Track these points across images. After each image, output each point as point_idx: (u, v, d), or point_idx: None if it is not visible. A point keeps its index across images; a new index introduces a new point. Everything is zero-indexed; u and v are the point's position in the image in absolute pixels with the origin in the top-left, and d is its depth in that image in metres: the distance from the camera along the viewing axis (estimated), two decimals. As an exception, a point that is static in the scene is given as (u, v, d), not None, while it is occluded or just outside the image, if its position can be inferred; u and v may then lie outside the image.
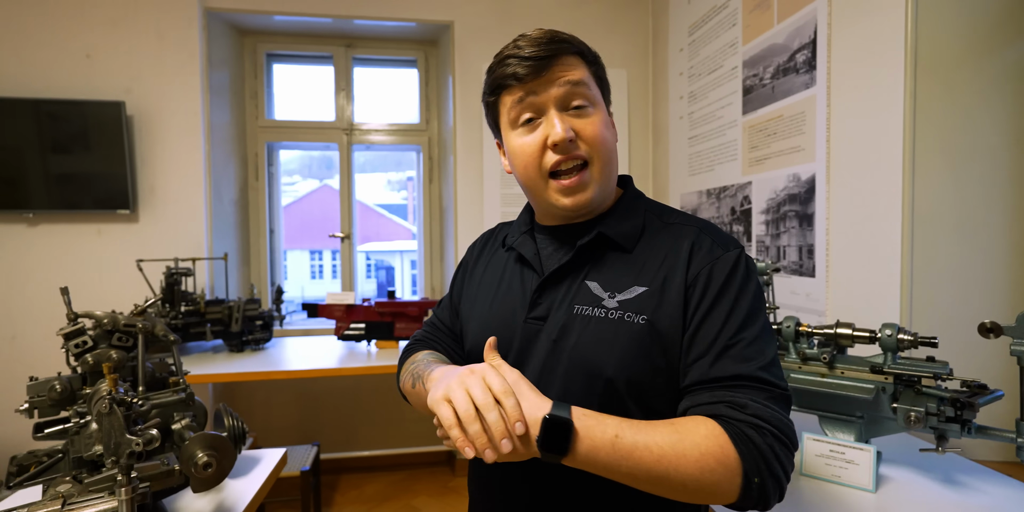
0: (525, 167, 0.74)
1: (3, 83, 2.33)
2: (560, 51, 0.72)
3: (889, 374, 1.05)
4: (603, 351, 0.69)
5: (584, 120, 0.72)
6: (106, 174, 2.37)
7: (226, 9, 2.53)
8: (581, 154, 0.72)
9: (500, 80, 0.74)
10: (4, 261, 2.36)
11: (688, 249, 0.72)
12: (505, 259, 0.85)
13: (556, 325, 0.73)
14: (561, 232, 0.80)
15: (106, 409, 0.75)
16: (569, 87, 0.71)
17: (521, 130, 0.74)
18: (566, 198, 0.73)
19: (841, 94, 1.58)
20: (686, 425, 0.60)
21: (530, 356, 0.75)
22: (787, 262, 1.80)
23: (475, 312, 0.84)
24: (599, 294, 0.72)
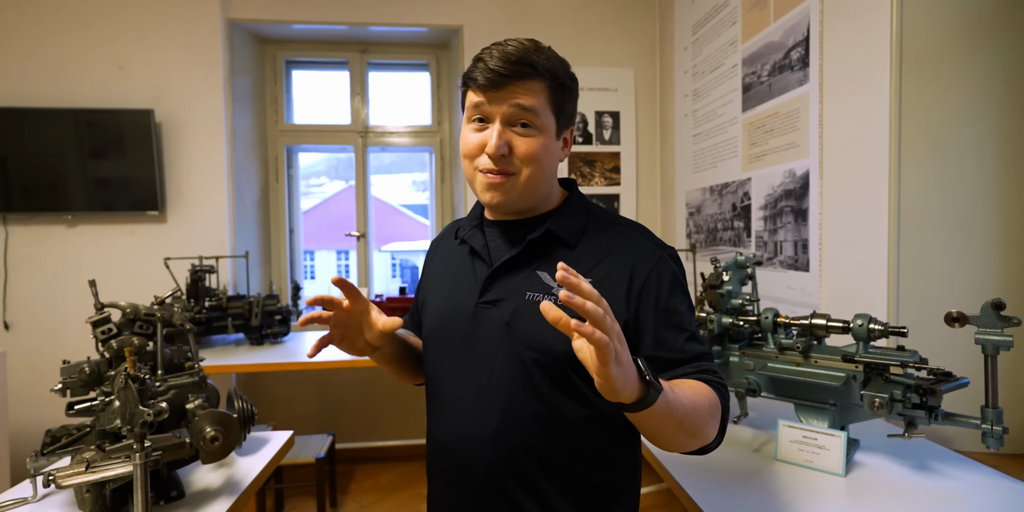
0: (464, 157, 0.83)
1: (46, 94, 2.50)
2: (522, 75, 0.76)
3: (859, 363, 1.08)
4: (553, 331, 0.72)
5: (523, 139, 0.78)
6: (138, 178, 2.53)
7: (248, 19, 2.66)
8: (510, 169, 0.78)
9: (468, 76, 0.80)
10: (46, 260, 2.55)
11: (631, 248, 0.82)
12: (458, 251, 0.91)
13: (508, 309, 0.80)
14: (509, 227, 0.87)
15: (122, 384, 0.84)
16: (517, 109, 0.77)
17: (472, 126, 0.81)
18: (486, 192, 0.80)
19: (832, 91, 1.60)
20: (692, 383, 0.74)
21: (481, 336, 0.81)
22: (783, 257, 1.83)
23: (431, 300, 0.91)
24: (549, 283, 0.80)
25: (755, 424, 1.29)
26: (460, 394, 0.82)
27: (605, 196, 2.90)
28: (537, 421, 0.77)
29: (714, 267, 1.30)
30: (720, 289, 1.26)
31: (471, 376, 0.81)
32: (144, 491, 0.81)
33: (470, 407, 0.80)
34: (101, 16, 2.52)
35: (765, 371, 1.18)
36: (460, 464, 0.80)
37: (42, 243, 2.55)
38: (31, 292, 2.55)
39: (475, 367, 0.81)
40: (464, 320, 0.83)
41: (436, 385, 0.86)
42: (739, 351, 1.25)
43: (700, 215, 2.45)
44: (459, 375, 0.83)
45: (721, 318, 1.24)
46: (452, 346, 0.84)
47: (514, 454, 0.77)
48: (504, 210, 0.83)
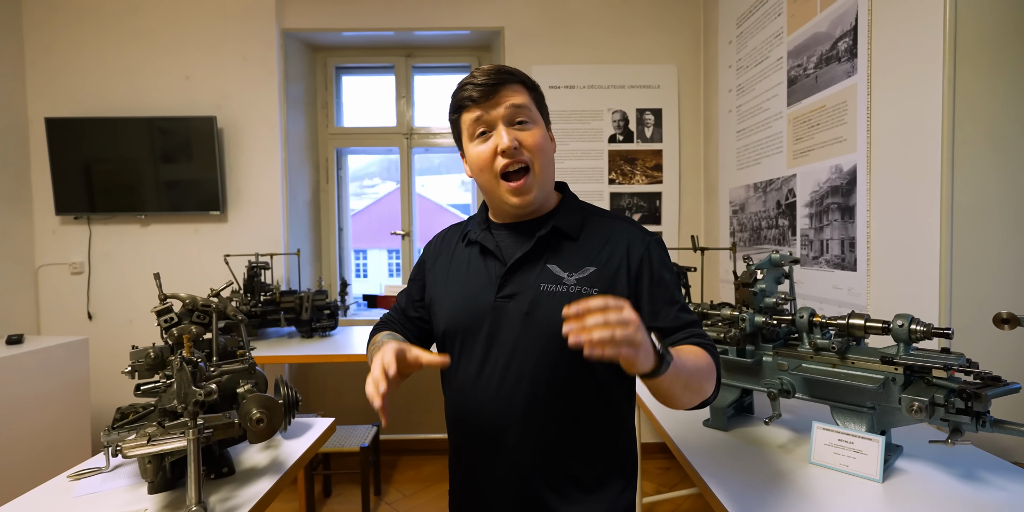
0: (481, 170, 0.91)
1: (123, 105, 2.73)
2: (505, 81, 0.89)
3: (899, 365, 1.04)
4: None
5: (526, 132, 0.90)
6: (202, 180, 2.71)
7: (301, 29, 2.81)
8: (524, 159, 0.89)
9: (459, 102, 0.91)
10: (122, 256, 2.77)
11: (621, 236, 0.95)
12: (468, 253, 1.00)
13: (525, 301, 0.90)
14: (516, 228, 0.97)
15: (178, 366, 0.93)
16: (513, 109, 0.89)
17: (477, 141, 0.91)
18: (515, 197, 0.90)
19: (881, 82, 1.53)
20: (690, 348, 0.84)
21: (502, 329, 0.90)
22: (829, 256, 1.77)
23: (446, 298, 0.98)
24: (560, 274, 0.91)
25: (789, 426, 1.27)
26: (486, 380, 0.91)
27: (646, 194, 2.88)
28: (557, 396, 0.89)
29: (747, 265, 1.28)
30: (753, 288, 1.24)
31: (495, 363, 0.90)
32: (196, 463, 0.88)
33: (496, 390, 0.90)
34: (169, 31, 2.72)
35: (799, 372, 1.15)
36: (490, 437, 0.91)
37: (119, 241, 2.78)
38: (110, 286, 2.78)
39: (498, 355, 0.90)
40: (484, 314, 0.92)
41: (460, 373, 0.94)
42: (773, 351, 1.22)
43: (744, 213, 2.39)
44: (483, 364, 0.91)
45: (754, 317, 1.22)
46: (474, 338, 0.92)
47: (540, 424, 0.90)
48: (529, 209, 0.93)
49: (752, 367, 1.24)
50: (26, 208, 2.76)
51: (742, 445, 1.18)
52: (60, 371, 2.16)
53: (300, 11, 2.78)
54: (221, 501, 0.97)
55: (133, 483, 1.04)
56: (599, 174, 2.87)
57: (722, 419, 1.27)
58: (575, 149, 2.86)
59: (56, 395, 2.13)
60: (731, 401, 1.28)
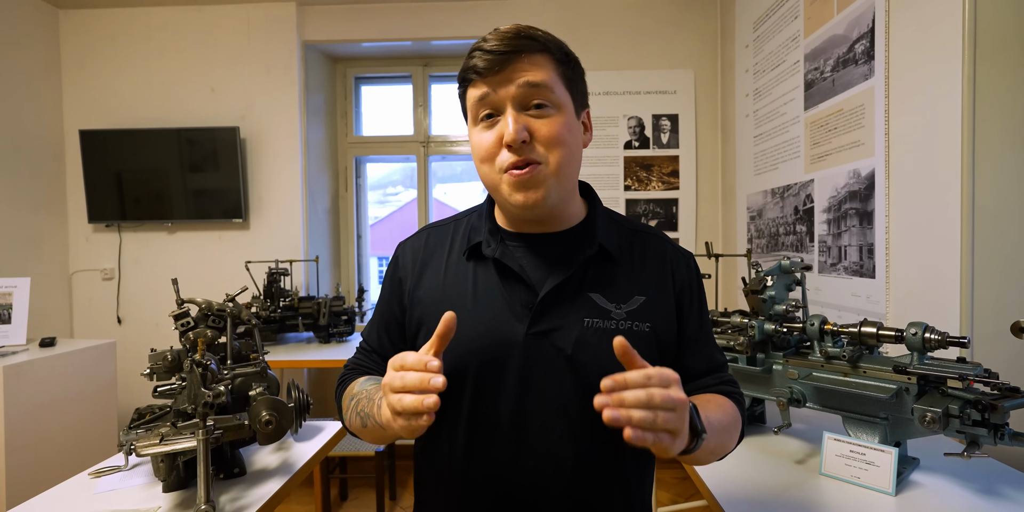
0: (481, 163, 0.73)
1: (153, 117, 2.83)
2: (524, 48, 0.69)
3: (913, 374, 1.02)
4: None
5: (542, 120, 0.70)
6: (227, 189, 2.79)
7: (321, 41, 2.88)
8: (535, 157, 0.69)
9: (464, 73, 0.72)
10: (150, 263, 2.87)
11: (663, 256, 0.81)
12: (472, 269, 0.78)
13: (568, 340, 0.72)
14: (543, 242, 0.78)
15: (188, 369, 0.96)
16: (527, 88, 0.69)
17: (480, 126, 0.72)
18: (518, 193, 0.70)
19: (899, 84, 1.50)
20: (719, 401, 0.76)
21: (538, 371, 0.72)
22: (848, 262, 1.73)
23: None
24: (606, 306, 0.74)
25: (800, 435, 1.24)
26: (519, 438, 0.72)
27: (663, 201, 2.85)
28: (610, 455, 0.74)
29: (755, 272, 1.26)
30: (762, 295, 1.22)
31: (530, 413, 0.72)
32: (206, 463, 0.91)
33: (534, 447, 0.72)
34: (196, 45, 2.82)
35: (810, 380, 1.13)
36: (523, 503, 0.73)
37: (147, 248, 2.88)
38: (138, 291, 2.88)
39: (535, 404, 0.72)
40: (512, 352, 0.72)
41: (475, 429, 0.74)
42: (783, 359, 1.20)
43: (761, 219, 2.35)
44: (515, 417, 0.72)
45: (763, 324, 1.20)
46: (496, 384, 0.73)
47: (590, 489, 0.73)
48: (538, 211, 0.73)
49: (762, 376, 1.22)
50: (61, 216, 2.88)
51: (752, 455, 1.16)
52: (89, 372, 2.23)
53: (320, 23, 2.86)
54: (231, 501, 0.99)
55: (149, 481, 1.08)
56: (615, 181, 2.86)
57: (731, 428, 1.25)
58: (590, 156, 2.86)
59: (85, 395, 2.20)
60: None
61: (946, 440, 1.21)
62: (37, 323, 2.68)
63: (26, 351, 2.06)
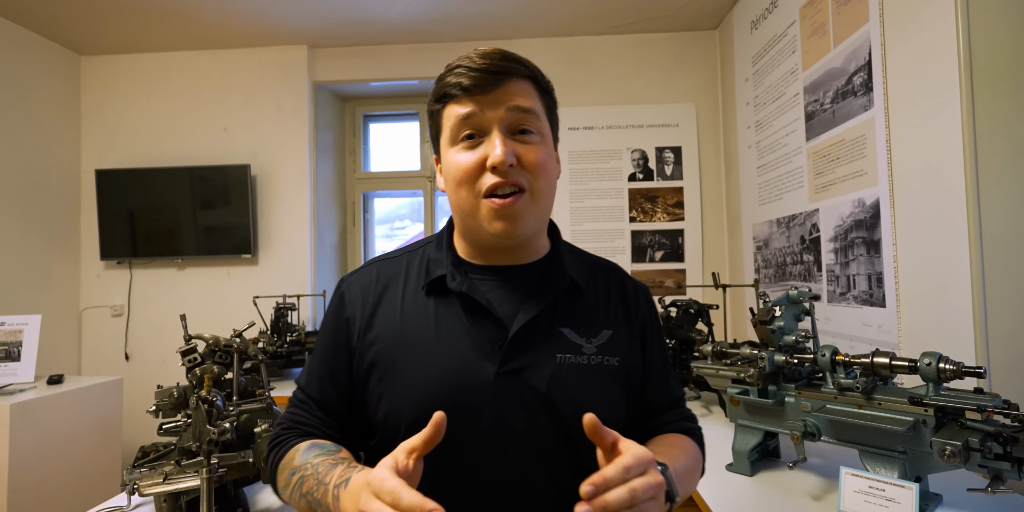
0: (459, 186, 0.69)
1: (166, 156, 2.92)
2: (513, 71, 0.69)
3: (929, 406, 0.99)
4: (596, 397, 0.71)
5: (528, 146, 0.68)
6: (237, 225, 2.84)
7: (331, 81, 2.98)
8: (519, 181, 0.67)
9: (447, 88, 0.69)
10: (159, 299, 2.89)
11: (625, 290, 0.81)
12: (431, 304, 0.72)
13: (542, 377, 0.68)
14: (510, 274, 0.75)
15: (194, 405, 0.95)
16: (516, 113, 0.68)
17: (460, 146, 0.69)
18: (498, 221, 0.67)
19: (899, 114, 1.53)
20: (682, 443, 0.76)
21: (511, 411, 0.67)
22: (857, 292, 1.71)
23: (409, 373, 0.69)
24: (577, 341, 0.72)
25: (817, 470, 1.20)
26: (495, 486, 0.66)
27: (669, 231, 2.86)
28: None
29: (763, 302, 1.25)
30: (771, 325, 1.21)
31: (506, 463, 0.67)
32: (209, 502, 0.89)
33: (513, 492, 0.67)
34: (210, 86, 2.93)
35: (824, 413, 1.10)
36: None
37: (157, 284, 2.91)
38: (146, 327, 2.89)
39: (504, 450, 0.67)
40: (480, 395, 0.67)
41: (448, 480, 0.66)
42: (796, 391, 1.18)
43: (768, 249, 2.35)
44: (481, 461, 0.66)
45: (773, 355, 1.18)
46: (466, 432, 0.66)
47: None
48: (514, 241, 0.71)
49: (774, 408, 1.20)
50: (74, 254, 2.93)
51: (767, 491, 1.12)
52: (95, 410, 2.22)
53: (330, 64, 2.96)
54: (232, 544, 0.97)
55: (150, 523, 1.06)
56: (620, 212, 2.88)
57: (746, 463, 1.22)
58: (595, 188, 2.89)
59: (90, 433, 2.18)
60: (754, 444, 1.23)
61: (968, 475, 1.17)
62: (46, 360, 2.68)
63: (34, 388, 2.06)
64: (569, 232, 2.86)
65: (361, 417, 0.74)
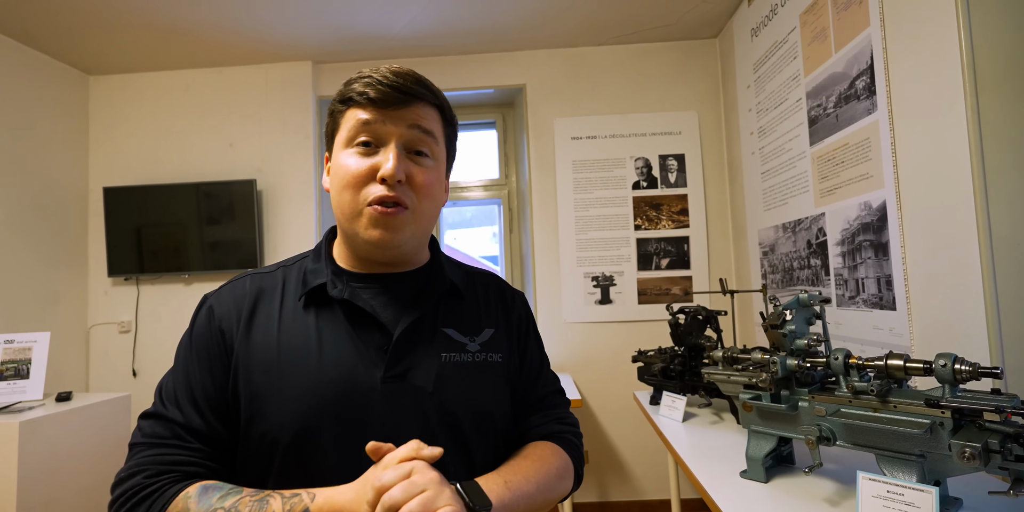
0: (343, 189, 0.69)
1: (173, 173, 2.94)
2: (421, 96, 0.70)
3: (946, 408, 0.98)
4: (482, 392, 0.74)
5: (420, 168, 0.70)
6: (243, 239, 2.85)
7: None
8: (404, 199, 0.68)
9: (351, 93, 0.69)
10: (166, 314, 2.90)
11: (502, 293, 0.86)
12: (311, 316, 0.71)
13: (428, 377, 0.69)
14: (391, 281, 0.76)
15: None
16: (419, 132, 0.70)
17: (354, 150, 0.69)
18: (375, 229, 0.67)
19: (903, 117, 1.53)
20: (539, 453, 0.76)
21: (401, 414, 0.67)
22: (866, 295, 1.70)
23: (290, 387, 0.66)
24: (460, 340, 0.75)
25: (833, 476, 1.18)
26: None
27: (673, 239, 2.86)
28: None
29: (773, 306, 1.24)
30: (782, 329, 1.20)
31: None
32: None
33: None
34: (216, 103, 2.97)
35: (838, 417, 1.09)
36: None
37: (164, 299, 2.91)
38: (154, 343, 2.89)
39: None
40: (365, 402, 0.66)
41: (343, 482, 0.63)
42: (809, 395, 1.16)
43: (774, 254, 2.34)
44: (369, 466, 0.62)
45: (785, 360, 1.17)
46: (353, 437, 0.64)
47: None
48: (389, 251, 0.71)
49: (787, 413, 1.18)
50: (82, 271, 2.94)
51: (784, 498, 1.10)
52: (103, 427, 2.22)
53: (334, 80, 3.00)
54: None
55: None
56: (624, 221, 2.88)
57: (760, 470, 1.20)
58: (599, 197, 2.89)
59: (98, 450, 2.18)
60: (768, 450, 1.21)
61: (988, 478, 1.15)
62: (55, 377, 2.69)
63: (43, 406, 2.06)
64: (574, 241, 2.86)
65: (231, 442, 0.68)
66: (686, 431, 1.56)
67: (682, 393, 1.74)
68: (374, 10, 2.50)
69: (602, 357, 2.80)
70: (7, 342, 2.11)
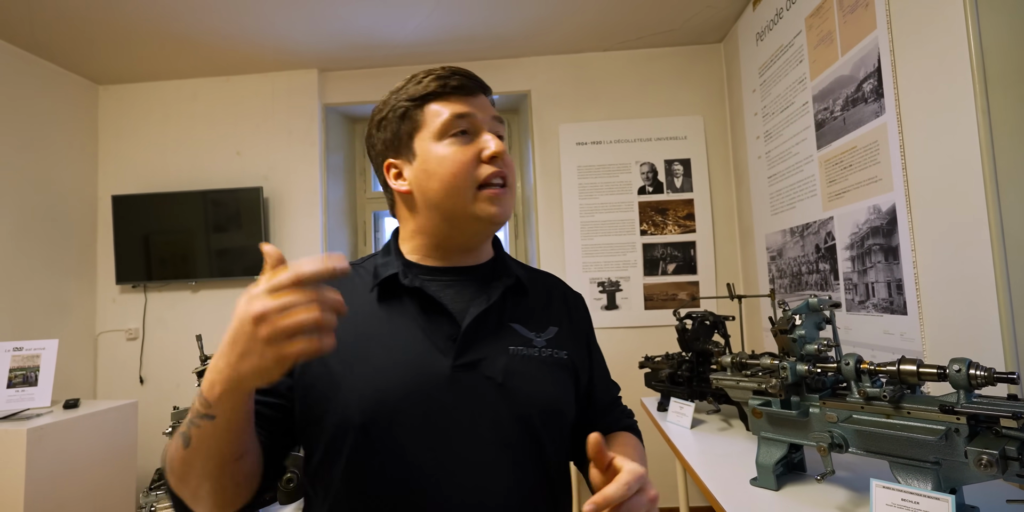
0: (454, 176, 0.72)
1: (181, 181, 2.97)
2: (487, 89, 0.79)
3: (961, 414, 0.96)
4: (550, 386, 0.75)
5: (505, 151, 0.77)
6: (249, 246, 2.86)
7: (341, 103, 3.03)
8: (506, 174, 0.75)
9: (431, 89, 0.74)
10: (173, 322, 2.91)
11: (564, 294, 0.88)
12: (386, 307, 0.74)
13: (496, 368, 0.71)
14: (457, 274, 0.79)
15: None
16: (497, 123, 0.77)
17: (451, 141, 0.73)
18: (494, 206, 0.73)
19: (912, 119, 1.52)
20: (632, 443, 0.83)
21: (472, 402, 0.69)
22: (876, 299, 1.68)
23: (362, 372, 0.68)
24: (527, 335, 0.76)
25: (846, 483, 1.16)
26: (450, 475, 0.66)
27: (680, 244, 2.85)
28: (543, 483, 0.72)
29: (782, 311, 1.23)
30: (792, 334, 1.18)
31: (462, 452, 0.67)
32: (221, 527, 0.88)
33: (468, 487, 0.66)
34: (224, 111, 2.99)
35: (850, 423, 1.07)
36: None
37: (171, 307, 2.93)
38: (161, 350, 2.90)
39: (466, 442, 0.67)
40: (437, 389, 0.68)
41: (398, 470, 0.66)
42: (820, 401, 1.15)
43: (782, 259, 2.32)
44: (442, 455, 0.66)
45: (795, 365, 1.15)
46: (422, 423, 0.67)
47: None
48: (498, 227, 0.78)
49: (798, 419, 1.16)
50: (90, 279, 2.96)
51: (795, 506, 1.08)
52: (110, 434, 2.22)
53: (341, 88, 3.02)
54: (247, 567, 0.95)
55: (164, 548, 1.04)
56: (630, 226, 2.87)
57: (771, 477, 1.18)
58: (605, 202, 2.89)
59: (105, 457, 2.18)
60: (779, 458, 1.19)
61: (1006, 486, 1.12)
62: (63, 384, 2.70)
63: (50, 413, 2.06)
64: (580, 246, 2.85)
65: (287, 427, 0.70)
66: (694, 438, 1.54)
67: (690, 399, 1.72)
68: (379, 17, 2.52)
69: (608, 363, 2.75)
70: (16, 349, 2.12)
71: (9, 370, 2.09)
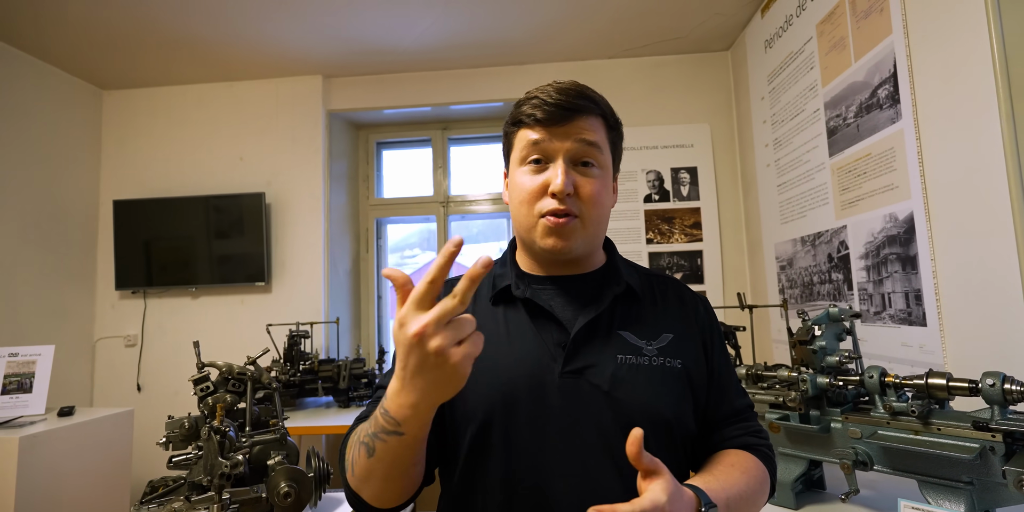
0: (520, 204, 0.76)
1: (183, 186, 2.94)
2: (584, 109, 0.75)
3: (997, 431, 0.91)
4: (659, 396, 0.72)
5: (586, 178, 0.75)
6: (251, 253, 2.82)
7: (345, 109, 3.01)
8: (573, 209, 0.73)
9: (521, 116, 0.76)
10: (173, 328, 2.86)
11: (683, 298, 0.83)
12: (501, 313, 0.78)
13: (603, 376, 0.71)
14: (569, 283, 0.80)
15: (206, 436, 0.90)
16: (583, 145, 0.74)
17: (527, 168, 0.76)
18: (549, 238, 0.73)
19: (931, 125, 1.48)
20: (742, 463, 0.74)
21: (579, 409, 0.70)
22: (893, 310, 1.63)
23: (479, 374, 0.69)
24: (636, 343, 0.75)
25: (870, 503, 1.11)
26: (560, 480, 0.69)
27: (687, 253, 2.80)
28: None
29: (802, 321, 1.19)
30: (812, 345, 1.14)
31: (571, 453, 0.69)
32: (216, 545, 0.83)
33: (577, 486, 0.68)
34: (227, 117, 2.97)
35: (875, 439, 1.02)
36: None
37: (171, 314, 2.88)
38: (159, 357, 2.86)
39: (571, 445, 0.70)
40: (545, 394, 0.71)
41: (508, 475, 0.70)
42: (842, 416, 1.10)
43: (792, 268, 2.28)
44: (550, 455, 0.69)
45: (816, 378, 1.11)
46: (530, 427, 0.70)
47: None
48: (564, 257, 0.77)
49: (819, 435, 1.11)
50: (90, 285, 2.93)
51: (819, 528, 1.03)
52: (105, 442, 2.16)
53: (344, 94, 3.00)
54: (241, 588, 0.90)
55: (155, 566, 0.99)
56: (636, 234, 2.83)
57: (790, 496, 1.13)
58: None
59: (99, 467, 2.12)
60: (798, 475, 1.14)
61: (1042, 508, 1.07)
62: (59, 391, 2.64)
63: (44, 421, 2.01)
64: (586, 255, 2.81)
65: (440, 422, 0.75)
66: (708, 452, 1.49)
67: (702, 412, 1.67)
68: (384, 24, 2.51)
69: (615, 374, 2.72)
70: (11, 355, 2.08)
71: (3, 376, 2.05)
